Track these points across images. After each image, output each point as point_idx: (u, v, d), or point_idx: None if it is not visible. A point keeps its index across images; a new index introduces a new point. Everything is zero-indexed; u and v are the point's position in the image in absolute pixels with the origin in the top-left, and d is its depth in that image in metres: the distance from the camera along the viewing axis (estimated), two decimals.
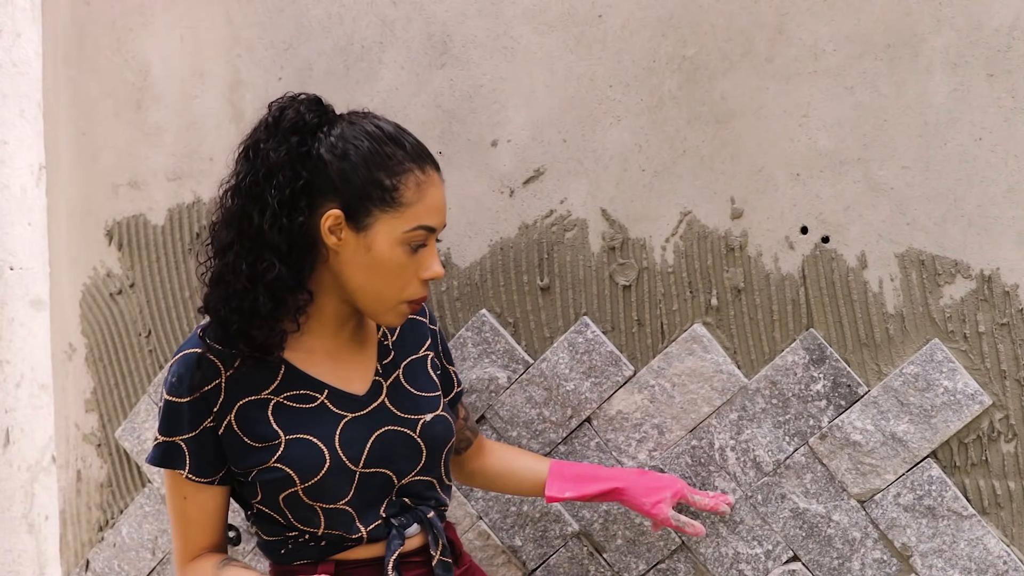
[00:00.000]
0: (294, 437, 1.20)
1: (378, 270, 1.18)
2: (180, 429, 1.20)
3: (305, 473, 1.19)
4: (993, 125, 1.37)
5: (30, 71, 2.10)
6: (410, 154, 1.19)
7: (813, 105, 1.44)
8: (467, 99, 1.62)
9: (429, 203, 1.19)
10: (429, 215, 1.19)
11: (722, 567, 1.53)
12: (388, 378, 1.30)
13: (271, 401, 1.21)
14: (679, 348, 1.54)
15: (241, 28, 1.77)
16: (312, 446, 1.20)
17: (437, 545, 1.28)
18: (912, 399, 1.42)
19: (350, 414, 1.24)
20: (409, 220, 1.17)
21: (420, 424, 1.27)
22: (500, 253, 1.63)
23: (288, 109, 1.18)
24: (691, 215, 1.52)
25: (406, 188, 1.17)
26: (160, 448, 1.22)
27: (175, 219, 1.85)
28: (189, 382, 1.19)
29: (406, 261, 1.19)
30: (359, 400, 1.25)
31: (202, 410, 1.20)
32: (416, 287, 1.21)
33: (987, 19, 1.36)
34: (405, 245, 1.18)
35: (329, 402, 1.24)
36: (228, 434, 1.20)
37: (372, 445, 1.23)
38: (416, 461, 1.26)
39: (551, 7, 1.56)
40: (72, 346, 2.00)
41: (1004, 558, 1.40)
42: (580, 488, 1.44)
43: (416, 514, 1.28)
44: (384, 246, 1.17)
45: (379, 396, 1.27)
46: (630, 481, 1.45)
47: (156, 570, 1.90)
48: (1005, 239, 1.38)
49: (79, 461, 2.00)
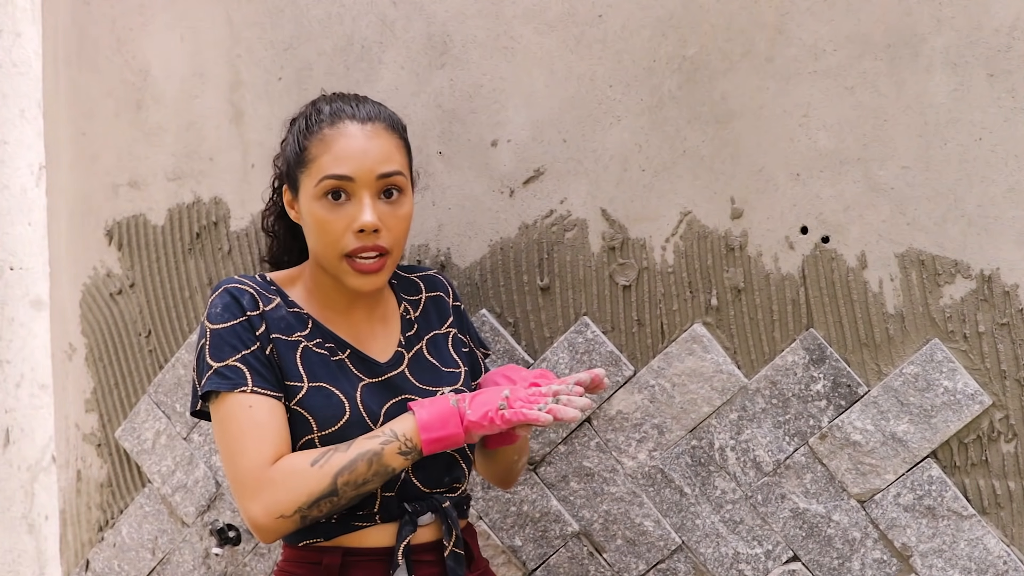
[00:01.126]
0: (316, 385, 1.22)
1: (311, 229, 1.25)
2: (233, 350, 1.20)
3: (324, 421, 1.21)
4: (993, 125, 1.37)
5: (30, 71, 2.10)
6: (326, 117, 1.25)
7: (813, 105, 1.44)
8: (467, 99, 1.62)
9: (336, 153, 1.22)
10: (336, 164, 1.22)
11: (722, 567, 1.53)
12: (411, 350, 1.32)
13: (300, 344, 1.25)
14: (679, 348, 1.54)
15: (241, 28, 1.77)
16: (333, 396, 1.22)
17: (451, 537, 1.27)
18: (912, 399, 1.42)
19: (368, 379, 1.26)
20: (316, 173, 1.23)
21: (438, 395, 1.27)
22: (500, 253, 1.63)
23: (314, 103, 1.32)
24: (691, 215, 1.52)
25: (313, 144, 1.24)
26: (217, 374, 1.19)
27: (175, 219, 1.85)
28: (234, 307, 1.22)
29: (328, 216, 1.22)
30: (380, 366, 1.28)
31: (249, 332, 1.22)
32: (349, 240, 1.22)
33: (987, 19, 1.36)
34: (322, 198, 1.23)
35: (350, 362, 1.27)
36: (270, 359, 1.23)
37: (387, 412, 1.24)
38: None
39: (551, 7, 1.56)
40: (72, 346, 2.00)
41: (1004, 558, 1.40)
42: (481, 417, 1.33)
43: (431, 502, 1.27)
44: (306, 204, 1.25)
45: (400, 365, 1.29)
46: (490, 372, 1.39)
47: (156, 570, 1.90)
48: (1005, 239, 1.38)
49: (79, 461, 2.00)
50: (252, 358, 1.21)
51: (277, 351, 1.23)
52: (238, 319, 1.22)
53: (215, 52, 1.79)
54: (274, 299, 1.27)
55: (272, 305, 1.26)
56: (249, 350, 1.21)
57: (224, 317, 1.22)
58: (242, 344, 1.21)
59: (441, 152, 1.64)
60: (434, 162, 1.64)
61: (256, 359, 1.21)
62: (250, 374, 1.20)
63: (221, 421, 1.20)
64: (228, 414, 1.19)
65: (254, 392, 1.19)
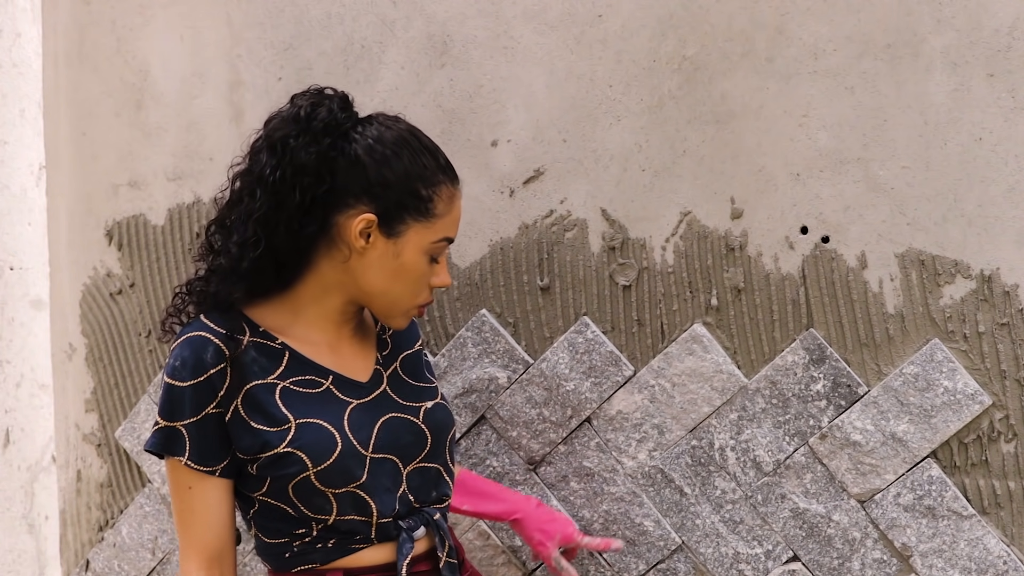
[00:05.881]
0: (304, 421, 1.19)
1: (402, 276, 1.22)
2: (181, 414, 1.17)
3: (317, 456, 1.17)
4: (993, 125, 1.37)
5: (30, 71, 2.10)
6: (443, 166, 1.23)
7: (813, 105, 1.44)
8: (467, 99, 1.62)
9: (455, 216, 1.24)
10: (453, 227, 1.25)
11: (722, 567, 1.53)
12: (388, 368, 1.31)
13: (278, 385, 1.20)
14: (679, 348, 1.54)
15: (241, 28, 1.77)
16: (323, 429, 1.19)
17: (444, 547, 1.27)
18: (912, 399, 1.42)
19: (355, 400, 1.24)
20: (438, 231, 1.22)
21: (422, 411, 1.27)
22: (500, 253, 1.63)
23: (320, 107, 1.18)
24: (691, 215, 1.52)
25: (439, 200, 1.21)
26: (160, 433, 1.18)
27: (175, 219, 1.85)
28: (193, 365, 1.17)
29: (426, 269, 1.23)
30: (363, 387, 1.26)
31: (206, 394, 1.17)
32: (427, 294, 1.26)
33: (987, 19, 1.36)
34: (428, 255, 1.22)
35: (334, 388, 1.24)
36: (236, 419, 1.18)
37: (379, 430, 1.23)
38: (421, 447, 1.26)
39: (551, 7, 1.56)
40: (72, 346, 2.00)
41: (1004, 558, 1.40)
42: (478, 505, 1.51)
43: (422, 516, 1.27)
44: (412, 254, 1.21)
45: (381, 384, 1.28)
46: (527, 512, 1.50)
47: (156, 570, 1.90)
48: (1005, 239, 1.38)
49: (79, 461, 2.00)
50: (196, 428, 1.18)
51: (252, 401, 1.19)
52: (196, 379, 1.16)
53: (215, 52, 1.79)
54: (243, 339, 1.20)
55: (241, 349, 1.19)
56: (198, 417, 1.17)
57: (181, 375, 1.17)
58: (191, 410, 1.17)
59: None
60: None
61: (202, 428, 1.18)
62: (190, 445, 1.18)
63: (168, 481, 1.23)
64: (172, 481, 1.21)
65: (188, 466, 1.18)
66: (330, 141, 1.16)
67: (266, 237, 1.17)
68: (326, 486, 1.19)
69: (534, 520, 1.50)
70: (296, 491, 1.19)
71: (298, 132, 1.16)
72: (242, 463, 1.20)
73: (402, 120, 1.24)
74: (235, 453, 1.20)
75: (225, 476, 1.21)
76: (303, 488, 1.19)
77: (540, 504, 1.53)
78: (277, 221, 1.16)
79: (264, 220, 1.16)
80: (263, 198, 1.16)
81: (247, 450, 1.19)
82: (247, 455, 1.19)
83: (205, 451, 1.18)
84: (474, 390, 1.65)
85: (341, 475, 1.19)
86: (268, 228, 1.17)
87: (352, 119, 1.20)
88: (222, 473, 1.20)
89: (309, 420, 1.19)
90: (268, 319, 1.24)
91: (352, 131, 1.19)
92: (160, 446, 1.19)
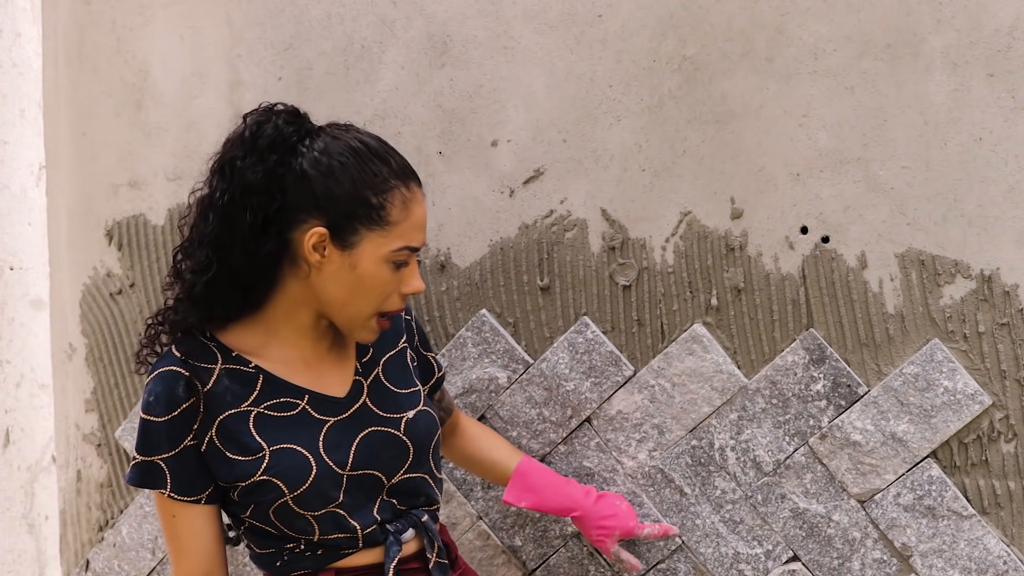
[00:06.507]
0: (278, 448, 1.18)
1: (361, 287, 1.18)
2: (158, 449, 1.17)
3: (292, 482, 1.17)
4: (993, 125, 1.37)
5: (30, 71, 2.10)
6: (396, 171, 1.18)
7: (813, 105, 1.44)
8: (467, 99, 1.62)
9: (414, 221, 1.19)
10: (414, 234, 1.19)
11: (722, 567, 1.53)
12: (368, 376, 1.29)
13: (251, 412, 1.19)
14: (679, 348, 1.54)
15: (241, 28, 1.77)
16: (296, 454, 1.18)
17: (433, 548, 1.28)
18: (912, 399, 1.42)
19: (332, 418, 1.23)
20: (395, 239, 1.17)
21: (403, 422, 1.26)
22: (500, 253, 1.63)
23: (266, 124, 1.16)
24: (691, 215, 1.52)
25: (392, 207, 1.17)
26: (139, 468, 1.19)
27: (175, 219, 1.85)
28: (166, 401, 1.17)
29: (389, 278, 1.19)
30: (340, 403, 1.24)
31: (182, 429, 1.17)
32: (395, 300, 1.21)
33: (987, 19, 1.36)
34: (390, 263, 1.18)
35: (311, 407, 1.22)
36: (211, 450, 1.18)
37: (357, 448, 1.22)
38: (403, 460, 1.25)
39: (551, 7, 1.56)
40: (72, 346, 2.00)
41: (1004, 558, 1.40)
42: (537, 502, 1.50)
43: (410, 519, 1.27)
44: (370, 265, 1.17)
45: (360, 397, 1.26)
46: (585, 509, 1.50)
47: (156, 570, 1.90)
48: (1005, 239, 1.38)
49: (79, 461, 2.00)
50: (174, 461, 1.18)
51: (226, 431, 1.19)
52: (170, 414, 1.17)
53: (215, 52, 1.79)
54: (214, 368, 1.19)
55: (212, 379, 1.19)
56: (176, 450, 1.18)
57: (156, 411, 1.17)
58: (168, 444, 1.17)
59: (441, 152, 1.64)
60: (434, 162, 1.64)
61: (181, 460, 1.18)
62: (171, 478, 1.18)
63: (156, 511, 1.24)
64: (158, 509, 1.22)
65: (172, 497, 1.19)
66: (276, 158, 1.14)
67: (219, 260, 1.16)
68: (305, 509, 1.19)
69: (593, 518, 1.50)
70: (277, 515, 1.20)
71: (244, 152, 1.15)
72: (224, 490, 1.21)
73: (353, 128, 1.20)
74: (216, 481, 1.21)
75: (210, 503, 1.21)
76: (283, 512, 1.20)
77: (600, 497, 1.52)
78: (231, 243, 1.15)
79: (216, 243, 1.15)
80: (214, 221, 1.15)
81: (224, 478, 1.19)
82: (225, 483, 1.19)
83: (186, 482, 1.19)
84: (474, 390, 1.65)
85: (318, 498, 1.19)
86: (221, 251, 1.16)
87: (300, 133, 1.17)
88: (207, 500, 1.21)
89: (283, 446, 1.18)
90: (241, 342, 1.23)
91: (300, 145, 1.16)
92: (141, 480, 1.19)
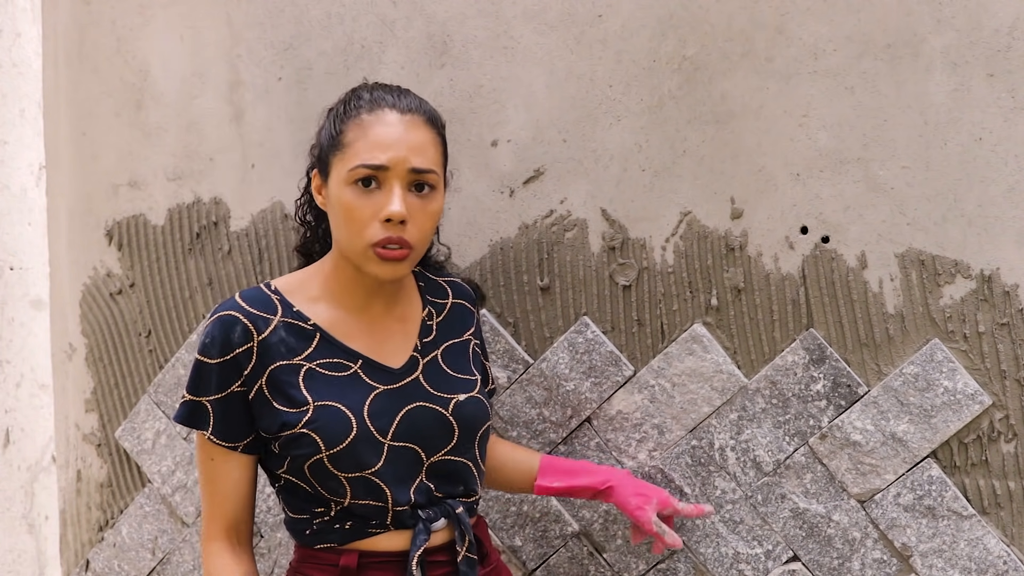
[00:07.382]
0: (322, 404, 1.21)
1: (338, 215, 1.22)
2: (207, 390, 1.22)
3: (331, 440, 1.19)
4: (993, 125, 1.37)
5: (30, 71, 2.10)
6: (365, 103, 1.23)
7: (813, 105, 1.44)
8: (467, 99, 1.62)
9: (371, 140, 1.20)
10: (370, 152, 1.19)
11: (722, 567, 1.53)
12: (426, 356, 1.30)
13: (303, 367, 1.23)
14: (679, 348, 1.54)
15: (241, 28, 1.77)
16: (339, 413, 1.21)
17: (464, 541, 1.27)
18: (912, 399, 1.42)
19: (382, 386, 1.25)
20: (351, 159, 1.20)
21: (453, 403, 1.27)
22: (500, 253, 1.63)
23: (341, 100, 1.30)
24: (691, 215, 1.52)
25: (348, 129, 1.22)
26: (186, 406, 1.23)
27: (175, 219, 1.85)
28: (221, 343, 1.21)
29: (357, 202, 1.19)
30: (394, 373, 1.26)
31: (231, 373, 1.21)
32: (376, 229, 1.20)
33: (987, 19, 1.36)
34: (352, 184, 1.20)
35: (363, 372, 1.25)
36: (259, 398, 1.22)
37: (402, 419, 1.23)
38: (447, 440, 1.26)
39: (551, 7, 1.56)
40: (72, 346, 2.00)
41: (1004, 558, 1.40)
42: (569, 480, 1.45)
43: (444, 508, 1.27)
44: (336, 189, 1.22)
45: (414, 372, 1.28)
46: (620, 480, 1.45)
47: (156, 570, 1.90)
48: (1005, 239, 1.38)
49: (79, 461, 2.00)
50: (220, 405, 1.22)
51: (275, 381, 1.22)
52: (223, 357, 1.21)
53: (215, 52, 1.79)
54: (272, 319, 1.23)
55: (270, 328, 1.23)
56: (223, 394, 1.22)
57: (210, 352, 1.21)
58: (217, 387, 1.21)
59: None
60: None
61: (226, 405, 1.22)
62: (214, 420, 1.22)
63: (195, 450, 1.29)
64: (197, 450, 1.27)
65: (211, 440, 1.23)
66: None
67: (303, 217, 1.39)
68: (339, 470, 1.20)
69: (630, 485, 1.44)
70: (312, 472, 1.21)
71: None
72: (265, 440, 1.24)
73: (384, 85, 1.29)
74: (259, 431, 1.23)
75: (248, 452, 1.25)
76: (318, 470, 1.21)
77: (632, 475, 1.50)
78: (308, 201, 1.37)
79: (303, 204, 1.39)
80: None
81: (267, 429, 1.22)
82: (268, 433, 1.22)
83: (228, 427, 1.23)
84: None
85: (354, 460, 1.20)
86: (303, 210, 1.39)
87: None
88: (244, 449, 1.24)
89: (328, 403, 1.21)
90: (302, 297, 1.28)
91: None
92: (186, 418, 1.23)
